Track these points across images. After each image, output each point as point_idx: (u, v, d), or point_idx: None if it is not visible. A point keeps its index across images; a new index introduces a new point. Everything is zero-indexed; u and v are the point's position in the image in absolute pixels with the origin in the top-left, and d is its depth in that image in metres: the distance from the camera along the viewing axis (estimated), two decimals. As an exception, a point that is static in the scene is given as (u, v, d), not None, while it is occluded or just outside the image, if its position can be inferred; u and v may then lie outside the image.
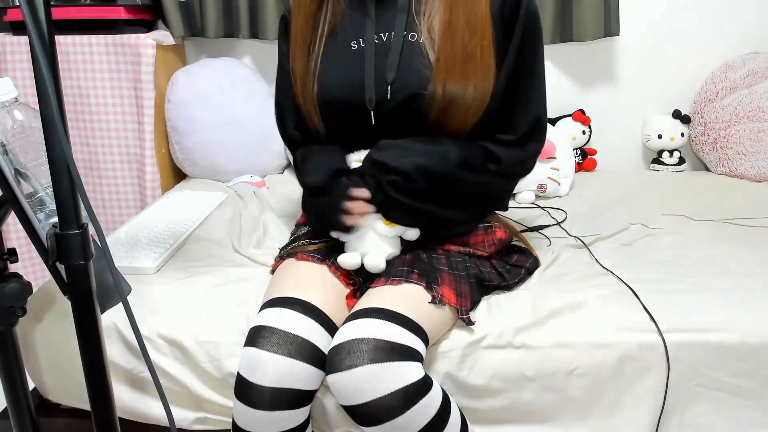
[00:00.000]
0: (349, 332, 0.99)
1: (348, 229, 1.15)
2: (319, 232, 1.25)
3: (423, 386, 0.97)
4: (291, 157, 1.36)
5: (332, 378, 0.97)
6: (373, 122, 1.18)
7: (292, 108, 1.28)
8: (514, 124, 1.20)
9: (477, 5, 1.14)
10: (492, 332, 1.11)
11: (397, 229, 1.16)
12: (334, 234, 1.18)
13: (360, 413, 0.96)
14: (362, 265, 1.15)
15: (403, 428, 0.95)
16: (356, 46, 1.19)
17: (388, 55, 1.17)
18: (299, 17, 1.22)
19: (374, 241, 1.16)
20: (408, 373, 0.96)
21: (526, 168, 1.25)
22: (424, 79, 1.14)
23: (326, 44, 1.21)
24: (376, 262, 1.14)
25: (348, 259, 1.14)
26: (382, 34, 1.18)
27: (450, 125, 1.16)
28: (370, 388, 0.94)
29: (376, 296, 1.07)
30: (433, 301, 1.07)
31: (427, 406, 0.96)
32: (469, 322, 1.11)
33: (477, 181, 1.19)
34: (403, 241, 1.19)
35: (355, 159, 1.19)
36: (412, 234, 1.17)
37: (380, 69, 1.17)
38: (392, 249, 1.17)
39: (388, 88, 1.16)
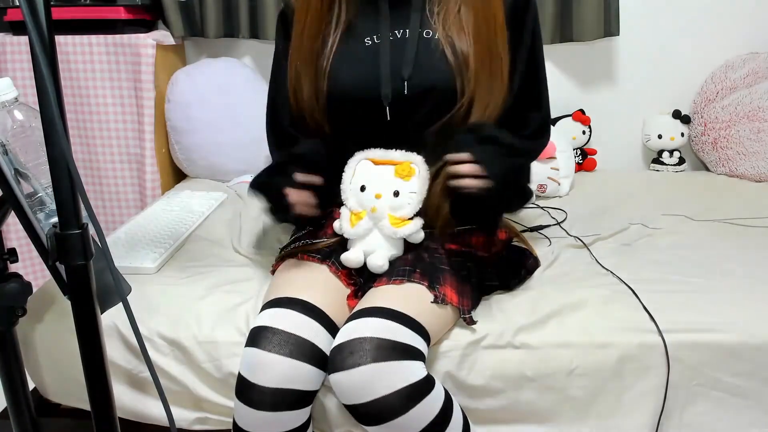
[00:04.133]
0: (351, 331, 0.99)
1: (298, 219, 1.12)
2: (318, 231, 1.25)
3: (425, 385, 0.97)
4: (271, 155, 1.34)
5: (335, 377, 0.97)
6: (389, 118, 1.18)
7: (288, 106, 1.27)
8: (526, 123, 1.22)
9: (492, 2, 1.14)
10: (492, 332, 1.11)
11: (404, 231, 1.15)
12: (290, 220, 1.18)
13: (362, 412, 0.96)
14: (364, 264, 1.15)
15: (405, 427, 0.95)
16: (370, 42, 1.19)
17: (403, 51, 1.16)
18: (307, 17, 1.21)
19: (378, 241, 1.15)
20: (410, 372, 0.96)
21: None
22: (442, 75, 1.14)
23: (339, 42, 1.20)
24: (379, 262, 1.13)
25: (351, 256, 1.14)
26: (396, 31, 1.18)
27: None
28: (372, 387, 0.94)
29: (379, 296, 1.07)
30: (435, 301, 1.07)
31: (430, 406, 0.96)
32: (471, 322, 1.11)
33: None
34: (406, 242, 1.19)
35: (365, 157, 1.18)
36: (418, 237, 1.17)
37: (395, 65, 1.16)
38: (395, 250, 1.17)
39: (405, 84, 1.16)
